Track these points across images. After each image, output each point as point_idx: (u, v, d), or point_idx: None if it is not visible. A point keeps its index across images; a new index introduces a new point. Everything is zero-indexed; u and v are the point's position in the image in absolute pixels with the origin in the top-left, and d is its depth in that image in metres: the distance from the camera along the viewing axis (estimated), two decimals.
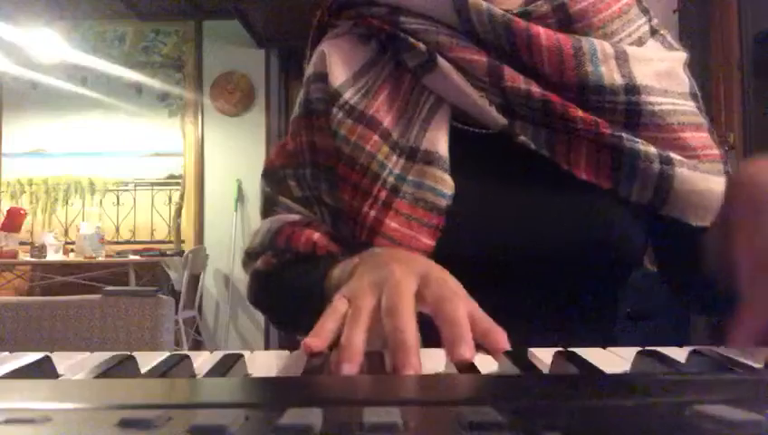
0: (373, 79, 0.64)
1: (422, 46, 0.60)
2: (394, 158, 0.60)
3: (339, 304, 0.39)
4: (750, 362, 0.33)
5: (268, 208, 0.70)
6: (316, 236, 0.61)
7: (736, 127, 2.35)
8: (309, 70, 0.68)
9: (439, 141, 0.59)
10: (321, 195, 0.64)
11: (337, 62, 0.65)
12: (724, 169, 0.61)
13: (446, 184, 0.58)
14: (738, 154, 2.33)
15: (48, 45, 3.68)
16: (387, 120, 0.62)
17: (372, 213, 0.58)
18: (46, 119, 4.15)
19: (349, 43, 0.67)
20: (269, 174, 0.71)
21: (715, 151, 0.61)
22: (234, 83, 4.10)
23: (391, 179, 0.59)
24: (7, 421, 0.20)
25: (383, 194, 0.58)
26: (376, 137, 0.60)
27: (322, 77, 0.65)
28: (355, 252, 0.51)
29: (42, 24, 3.57)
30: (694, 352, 0.35)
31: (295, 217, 0.66)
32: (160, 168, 4.15)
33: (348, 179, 0.61)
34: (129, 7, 3.92)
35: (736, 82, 2.37)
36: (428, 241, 0.57)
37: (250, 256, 0.69)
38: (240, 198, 4.07)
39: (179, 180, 4.14)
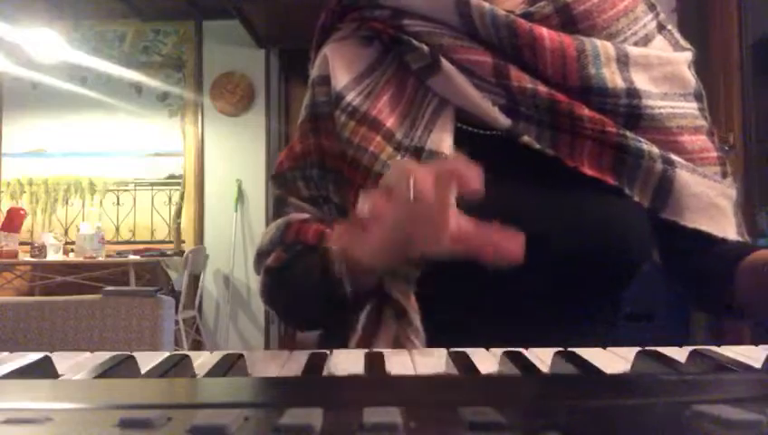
0: (376, 80, 0.64)
1: (425, 48, 0.60)
2: (398, 158, 0.59)
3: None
4: (750, 362, 0.33)
5: (279, 210, 0.69)
6: (324, 227, 0.61)
7: (736, 127, 2.35)
8: (313, 73, 0.69)
9: (444, 142, 0.59)
10: (330, 194, 0.64)
11: (340, 66, 0.65)
12: (721, 171, 0.61)
13: None
14: (738, 154, 2.33)
15: (48, 45, 3.67)
16: (390, 121, 0.61)
17: None
18: (46, 119, 4.15)
19: (352, 46, 0.67)
20: (278, 177, 0.70)
21: (713, 154, 0.61)
22: (234, 84, 4.10)
23: None
24: (7, 421, 0.20)
25: None
26: (378, 138, 0.60)
27: (326, 80, 0.65)
28: None
29: (42, 24, 3.56)
30: (694, 352, 0.35)
31: (305, 215, 0.65)
32: (160, 168, 4.15)
33: (353, 182, 0.61)
34: (129, 7, 3.92)
35: (736, 82, 2.37)
36: None
37: (261, 256, 0.68)
38: (240, 198, 4.07)
39: (179, 180, 4.14)
